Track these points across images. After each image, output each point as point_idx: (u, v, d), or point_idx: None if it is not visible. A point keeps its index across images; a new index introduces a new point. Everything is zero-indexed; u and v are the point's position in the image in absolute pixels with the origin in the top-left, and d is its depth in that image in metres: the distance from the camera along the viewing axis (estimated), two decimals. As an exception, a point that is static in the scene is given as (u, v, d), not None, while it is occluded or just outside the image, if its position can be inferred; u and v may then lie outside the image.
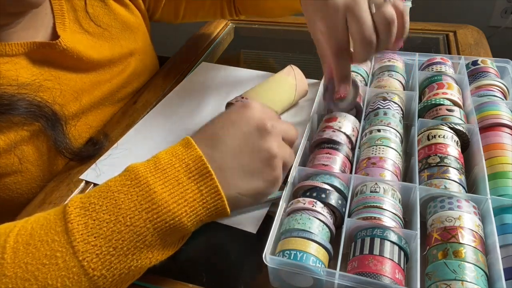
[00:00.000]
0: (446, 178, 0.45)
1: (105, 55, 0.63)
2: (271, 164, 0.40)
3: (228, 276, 0.43)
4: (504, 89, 0.57)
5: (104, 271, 0.34)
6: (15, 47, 0.52)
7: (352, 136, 0.52)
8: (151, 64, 0.77)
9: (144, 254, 0.36)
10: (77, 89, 0.59)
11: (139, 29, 0.71)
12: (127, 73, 0.69)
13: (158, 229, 0.35)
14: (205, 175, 0.37)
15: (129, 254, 0.35)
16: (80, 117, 0.61)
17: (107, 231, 0.34)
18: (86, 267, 0.33)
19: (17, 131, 0.51)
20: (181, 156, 0.37)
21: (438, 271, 0.37)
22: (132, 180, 0.36)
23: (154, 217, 0.35)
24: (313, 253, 0.39)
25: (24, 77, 0.52)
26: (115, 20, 0.65)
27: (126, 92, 0.70)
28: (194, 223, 0.37)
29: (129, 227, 0.34)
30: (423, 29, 0.86)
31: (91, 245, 0.34)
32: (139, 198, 0.35)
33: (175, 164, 0.37)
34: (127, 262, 0.35)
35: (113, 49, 0.65)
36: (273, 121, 0.41)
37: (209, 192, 0.37)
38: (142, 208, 0.35)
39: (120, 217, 0.34)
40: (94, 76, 0.62)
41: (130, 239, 0.35)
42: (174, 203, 0.35)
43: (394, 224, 0.41)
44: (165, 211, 0.35)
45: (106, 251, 0.34)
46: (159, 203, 0.35)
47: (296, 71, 0.64)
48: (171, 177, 0.36)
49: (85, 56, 0.59)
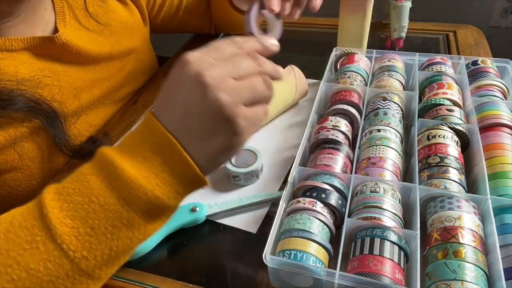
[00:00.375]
0: (446, 178, 0.45)
1: (104, 51, 0.63)
2: (224, 116, 0.36)
3: (228, 276, 0.43)
4: (504, 89, 0.57)
5: (85, 252, 0.34)
6: (15, 42, 0.52)
7: (347, 132, 0.52)
8: (150, 64, 0.78)
9: (124, 233, 0.36)
10: (76, 86, 0.60)
11: (138, 29, 0.72)
12: (126, 72, 0.69)
13: (132, 206, 0.35)
14: (167, 145, 0.36)
15: (108, 233, 0.35)
16: (80, 115, 0.61)
17: (83, 212, 0.34)
18: (66, 249, 0.34)
19: (16, 128, 0.51)
20: (143, 132, 0.37)
21: (438, 271, 0.37)
22: (101, 162, 0.36)
23: (126, 194, 0.35)
24: (313, 253, 0.39)
25: (23, 73, 0.52)
26: (113, 19, 0.66)
27: (126, 91, 0.71)
28: (171, 195, 0.37)
29: (103, 207, 0.35)
30: (423, 29, 0.86)
31: (68, 227, 0.34)
32: (109, 179, 0.35)
33: (138, 142, 0.37)
34: (107, 242, 0.35)
35: (112, 46, 0.65)
36: (211, 68, 0.36)
37: (176, 161, 0.36)
38: (113, 187, 0.35)
39: (93, 197, 0.35)
40: (93, 73, 0.63)
41: (106, 218, 0.35)
42: (144, 178, 0.35)
43: (394, 224, 0.41)
44: (135, 187, 0.35)
45: (84, 232, 0.34)
46: (129, 180, 0.35)
47: (296, 71, 0.64)
48: (136, 154, 0.36)
49: (84, 50, 0.59)
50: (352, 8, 0.69)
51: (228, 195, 0.52)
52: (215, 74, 0.36)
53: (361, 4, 0.68)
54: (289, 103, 0.64)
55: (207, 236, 0.48)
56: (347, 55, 0.66)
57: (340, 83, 0.61)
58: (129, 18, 0.69)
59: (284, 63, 0.67)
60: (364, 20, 0.70)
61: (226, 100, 0.35)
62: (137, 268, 0.44)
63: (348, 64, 0.64)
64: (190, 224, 0.48)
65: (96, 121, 0.64)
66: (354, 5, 0.69)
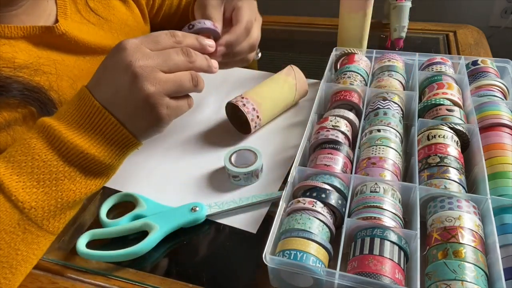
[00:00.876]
0: (446, 178, 0.45)
1: (103, 44, 0.64)
2: (148, 104, 0.42)
3: (228, 276, 0.43)
4: (504, 89, 0.57)
5: (33, 203, 0.39)
6: (14, 30, 0.53)
7: (347, 132, 0.52)
8: None
9: (66, 186, 0.41)
10: (73, 76, 0.60)
11: (138, 27, 0.72)
12: None
13: (71, 161, 0.41)
14: (98, 113, 0.41)
15: (52, 186, 0.40)
16: None
17: (28, 168, 0.39)
18: (15, 200, 0.38)
19: (11, 112, 0.51)
20: (77, 103, 0.42)
21: (438, 271, 0.37)
22: (39, 128, 0.41)
23: (64, 153, 0.40)
24: (313, 253, 0.39)
25: (21, 59, 0.53)
26: (114, 16, 0.67)
27: None
28: (105, 154, 0.42)
29: (46, 163, 0.40)
30: (423, 29, 0.86)
31: (15, 182, 0.39)
32: (49, 139, 0.41)
33: (72, 111, 0.42)
34: (52, 194, 0.40)
35: (111, 41, 0.66)
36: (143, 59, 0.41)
37: (106, 125, 0.42)
38: (53, 146, 0.40)
39: (36, 155, 0.40)
40: (91, 64, 0.63)
41: (49, 173, 0.40)
42: (79, 139, 0.41)
43: (394, 224, 0.41)
44: (72, 146, 0.40)
45: (31, 185, 0.39)
46: (66, 140, 0.40)
47: (296, 71, 0.64)
48: (72, 121, 0.41)
49: (83, 41, 0.60)
50: (352, 8, 0.69)
51: (228, 195, 0.52)
52: (145, 65, 0.41)
53: (361, 4, 0.68)
54: (289, 103, 0.64)
55: (207, 236, 0.48)
56: (347, 55, 0.66)
57: (340, 83, 0.61)
58: (129, 15, 0.70)
59: (284, 63, 0.67)
60: (364, 20, 0.70)
61: (151, 90, 0.41)
62: (137, 268, 0.44)
63: (348, 64, 0.64)
64: (190, 224, 0.48)
65: None
66: (354, 5, 0.69)
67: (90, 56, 0.63)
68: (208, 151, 0.60)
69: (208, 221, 0.49)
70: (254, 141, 0.61)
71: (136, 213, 0.49)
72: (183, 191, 0.54)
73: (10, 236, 0.38)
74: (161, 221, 0.47)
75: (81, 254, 0.44)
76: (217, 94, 0.71)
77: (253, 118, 0.58)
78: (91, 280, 0.44)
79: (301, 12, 1.03)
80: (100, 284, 0.43)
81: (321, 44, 0.86)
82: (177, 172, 0.56)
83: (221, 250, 0.46)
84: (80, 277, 0.44)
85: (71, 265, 0.45)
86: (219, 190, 0.53)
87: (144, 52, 0.41)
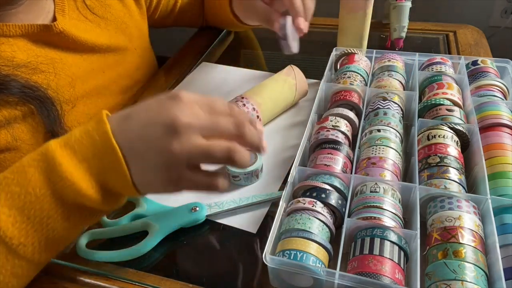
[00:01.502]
0: (446, 178, 0.45)
1: (100, 42, 0.64)
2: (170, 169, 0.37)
3: (228, 276, 0.43)
4: (504, 89, 0.57)
5: (22, 239, 0.36)
6: (13, 29, 0.53)
7: (347, 132, 0.52)
8: (149, 60, 0.78)
9: (60, 224, 0.37)
10: (71, 74, 0.60)
11: (136, 24, 0.73)
12: (124, 66, 0.70)
13: (66, 201, 0.37)
14: (109, 149, 0.36)
15: (43, 223, 0.36)
16: (76, 103, 0.61)
17: (20, 202, 0.36)
18: (3, 236, 0.35)
19: (10, 110, 0.51)
20: (91, 131, 0.37)
21: (438, 271, 0.37)
22: (42, 154, 0.37)
23: (60, 189, 0.36)
24: (313, 253, 0.39)
25: (20, 58, 0.53)
26: (110, 13, 0.67)
27: (125, 84, 0.71)
28: (102, 197, 0.37)
29: (39, 198, 0.36)
30: (423, 29, 0.85)
31: (6, 216, 0.35)
32: (47, 171, 0.36)
33: (83, 140, 0.37)
34: (43, 232, 0.37)
35: (108, 38, 0.66)
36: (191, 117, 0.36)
37: (112, 168, 0.36)
38: (50, 181, 0.36)
39: (30, 189, 0.36)
40: (88, 62, 0.63)
41: (41, 209, 0.36)
42: (79, 176, 0.36)
43: (394, 224, 0.41)
44: (69, 184, 0.36)
45: (21, 221, 0.36)
46: (64, 175, 0.36)
47: (296, 71, 0.64)
48: (78, 152, 0.37)
49: (81, 39, 0.60)
50: (352, 8, 0.69)
51: (228, 195, 0.52)
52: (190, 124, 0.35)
53: (361, 4, 0.68)
54: (289, 103, 0.64)
55: (207, 236, 0.48)
56: (347, 55, 0.66)
57: (340, 83, 0.61)
58: (126, 13, 0.71)
59: (284, 63, 0.67)
60: (364, 20, 0.70)
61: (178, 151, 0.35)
62: (137, 268, 0.44)
63: (348, 64, 0.64)
64: (190, 224, 0.48)
65: (94, 110, 0.64)
66: (354, 5, 0.69)
67: (87, 55, 0.63)
68: (208, 151, 0.60)
69: (208, 221, 0.49)
70: (254, 141, 0.61)
71: (136, 213, 0.49)
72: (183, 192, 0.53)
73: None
74: (161, 221, 0.47)
75: (81, 254, 0.44)
76: (217, 94, 0.71)
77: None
78: (91, 280, 0.44)
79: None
80: (100, 284, 0.43)
81: (321, 44, 0.86)
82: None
83: (221, 250, 0.46)
84: (80, 277, 0.44)
85: (71, 265, 0.45)
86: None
87: (195, 112, 0.36)
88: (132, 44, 0.72)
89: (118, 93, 0.70)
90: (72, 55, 0.61)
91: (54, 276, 0.44)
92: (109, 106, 0.68)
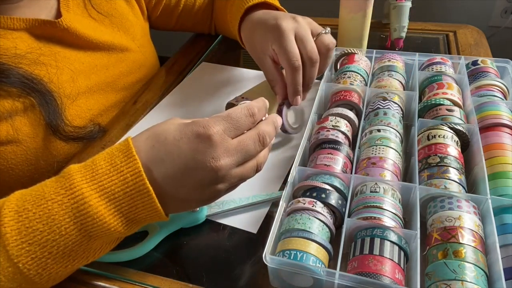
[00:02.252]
0: (446, 178, 0.45)
1: (104, 39, 0.65)
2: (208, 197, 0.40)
3: (228, 276, 0.43)
4: (504, 89, 0.57)
5: (40, 270, 0.35)
6: (17, 22, 0.53)
7: (347, 132, 0.52)
8: (151, 58, 0.78)
9: (80, 255, 0.37)
10: (74, 69, 0.60)
11: (138, 22, 0.73)
12: (127, 63, 0.70)
13: (93, 237, 0.36)
14: (142, 191, 0.36)
15: (65, 256, 0.36)
16: (77, 98, 0.61)
17: (41, 239, 0.34)
18: (22, 268, 0.34)
19: (11, 102, 0.51)
20: (120, 167, 0.36)
21: (438, 271, 0.37)
22: (67, 189, 0.35)
23: (89, 228, 0.35)
24: (313, 253, 0.39)
25: (21, 49, 0.53)
26: (115, 10, 0.68)
27: (128, 81, 0.71)
28: (130, 230, 0.38)
29: (63, 236, 0.35)
30: (423, 29, 0.85)
31: (25, 250, 0.34)
32: (73, 210, 0.35)
33: (112, 176, 0.35)
34: (63, 263, 0.36)
35: (112, 36, 0.66)
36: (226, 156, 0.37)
37: (145, 207, 0.36)
38: (77, 220, 0.35)
39: (54, 227, 0.34)
40: (91, 58, 0.63)
41: (65, 246, 0.35)
42: (110, 216, 0.35)
43: (394, 224, 0.41)
44: (100, 223, 0.35)
45: (41, 255, 0.35)
46: (94, 216, 0.35)
47: (296, 71, 0.64)
48: (107, 189, 0.35)
49: (84, 36, 0.61)
50: (352, 8, 0.69)
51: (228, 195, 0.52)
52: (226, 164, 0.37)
53: (361, 4, 0.68)
54: (289, 103, 0.64)
55: (207, 236, 0.48)
56: (347, 55, 0.66)
57: (340, 83, 0.61)
58: (130, 11, 0.71)
59: (284, 63, 0.67)
60: (364, 20, 0.70)
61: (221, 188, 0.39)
62: (137, 268, 0.44)
63: (348, 64, 0.64)
64: (190, 224, 0.48)
65: (96, 106, 0.65)
66: (354, 5, 0.69)
67: (91, 51, 0.63)
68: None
69: (208, 221, 0.49)
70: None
71: (136, 213, 0.49)
72: None
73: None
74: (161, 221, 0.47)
75: (81, 254, 0.44)
76: (217, 94, 0.71)
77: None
78: (91, 280, 0.44)
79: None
80: (100, 284, 0.43)
81: (321, 44, 0.86)
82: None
83: (221, 250, 0.46)
84: (80, 277, 0.44)
85: (71, 265, 0.45)
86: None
87: (227, 148, 0.37)
88: (136, 42, 0.72)
89: (120, 90, 0.70)
90: (75, 51, 0.61)
91: (54, 276, 0.44)
92: (110, 103, 0.68)
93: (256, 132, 0.40)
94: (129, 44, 0.70)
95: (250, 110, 0.40)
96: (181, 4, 0.80)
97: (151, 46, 0.79)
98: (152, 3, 0.78)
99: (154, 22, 0.81)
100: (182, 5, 0.81)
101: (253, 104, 0.41)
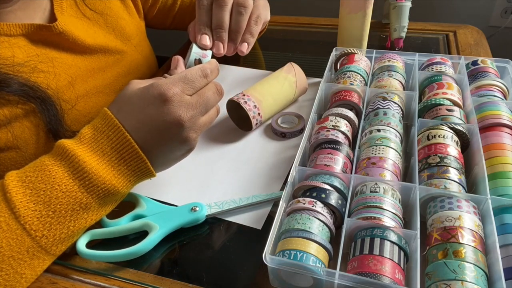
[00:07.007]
0: (446, 178, 0.45)
1: (99, 42, 0.64)
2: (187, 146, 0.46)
3: (228, 276, 0.43)
4: (504, 89, 0.57)
5: (46, 231, 0.39)
6: (13, 28, 0.53)
7: (347, 132, 0.52)
8: (149, 57, 0.78)
9: (81, 215, 0.41)
10: (71, 74, 0.60)
11: (133, 21, 0.73)
12: (124, 64, 0.70)
13: (92, 193, 0.41)
14: (125, 143, 0.42)
15: (67, 215, 0.40)
16: (76, 102, 0.61)
17: (45, 197, 0.39)
18: (28, 229, 0.38)
19: (11, 108, 0.52)
20: (102, 129, 0.43)
21: (438, 271, 0.37)
22: (62, 154, 0.41)
23: (87, 183, 0.41)
24: (313, 253, 0.39)
25: (19, 57, 0.53)
26: (109, 9, 0.67)
27: (127, 82, 0.70)
28: (124, 184, 0.43)
29: (65, 193, 0.40)
30: (423, 29, 0.86)
31: (31, 210, 0.39)
32: (71, 169, 0.40)
33: (98, 138, 0.42)
34: (66, 223, 0.40)
35: (107, 38, 0.66)
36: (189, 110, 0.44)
37: (131, 157, 0.43)
38: (75, 177, 0.40)
39: (56, 185, 0.40)
40: (88, 62, 0.63)
41: (67, 203, 0.40)
42: (103, 170, 0.41)
43: (394, 224, 0.41)
44: (95, 177, 0.41)
45: (46, 214, 0.39)
46: (90, 171, 0.40)
47: (296, 69, 0.65)
48: (97, 148, 0.42)
49: (80, 40, 0.61)
50: (352, 8, 0.69)
51: (228, 195, 0.52)
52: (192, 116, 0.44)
53: (361, 4, 0.69)
54: (290, 100, 0.65)
55: (207, 236, 0.48)
56: (347, 55, 0.66)
57: (340, 83, 0.61)
58: (124, 9, 0.71)
59: (284, 62, 0.67)
60: (364, 20, 0.70)
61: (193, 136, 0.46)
62: (137, 268, 0.44)
63: (348, 64, 0.64)
64: (190, 224, 0.48)
65: (95, 109, 0.65)
66: (354, 5, 0.69)
67: (87, 55, 0.63)
68: (209, 149, 0.60)
69: (208, 221, 0.49)
70: (255, 139, 0.61)
71: (136, 213, 0.49)
72: (183, 191, 0.54)
73: (17, 262, 0.38)
74: (161, 221, 0.47)
75: (81, 254, 0.44)
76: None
77: (254, 115, 0.59)
78: (91, 280, 0.44)
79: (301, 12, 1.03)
80: (100, 284, 0.43)
81: (321, 44, 0.86)
82: (177, 171, 0.56)
83: (221, 250, 0.46)
84: (80, 277, 0.44)
85: (71, 265, 0.45)
86: (219, 190, 0.53)
87: (188, 103, 0.44)
88: (132, 42, 0.72)
89: (118, 91, 0.69)
90: (72, 55, 0.61)
91: (54, 276, 0.44)
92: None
93: (214, 85, 0.48)
94: (125, 44, 0.70)
95: (204, 71, 0.47)
96: (177, 4, 0.80)
97: (148, 45, 0.79)
98: (149, 3, 0.77)
99: (150, 21, 0.81)
100: (179, 5, 0.81)
101: (205, 66, 0.47)
